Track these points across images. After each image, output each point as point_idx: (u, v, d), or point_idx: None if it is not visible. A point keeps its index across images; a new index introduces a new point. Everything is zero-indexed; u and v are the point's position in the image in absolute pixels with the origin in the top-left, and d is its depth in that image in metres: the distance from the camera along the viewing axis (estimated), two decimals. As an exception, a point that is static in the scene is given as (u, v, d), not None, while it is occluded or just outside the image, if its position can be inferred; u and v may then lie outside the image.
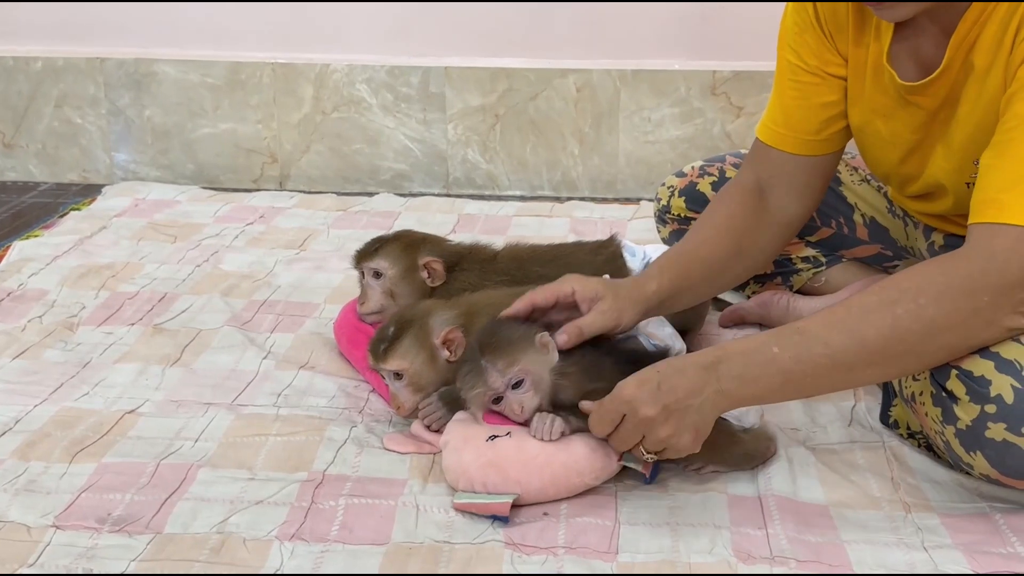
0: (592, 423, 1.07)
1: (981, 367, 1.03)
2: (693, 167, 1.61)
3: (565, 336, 1.13)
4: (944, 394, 1.07)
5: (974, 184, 1.09)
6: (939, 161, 1.19)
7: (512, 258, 1.42)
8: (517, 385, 1.11)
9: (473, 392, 1.12)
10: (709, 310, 1.55)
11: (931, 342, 1.02)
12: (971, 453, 1.06)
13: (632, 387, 1.03)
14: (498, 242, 1.51)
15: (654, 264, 1.27)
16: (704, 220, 1.31)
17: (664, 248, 1.51)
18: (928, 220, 1.37)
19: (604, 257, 1.42)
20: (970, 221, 1.04)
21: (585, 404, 1.09)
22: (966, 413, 1.05)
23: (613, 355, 1.15)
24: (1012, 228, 1.00)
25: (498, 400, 1.13)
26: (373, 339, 1.24)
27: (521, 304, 1.16)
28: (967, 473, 1.13)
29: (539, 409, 1.12)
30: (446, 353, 1.22)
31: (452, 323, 1.22)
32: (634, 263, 1.41)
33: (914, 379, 1.13)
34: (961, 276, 1.00)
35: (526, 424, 1.12)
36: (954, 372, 1.05)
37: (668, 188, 1.61)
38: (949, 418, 1.07)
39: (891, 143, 1.24)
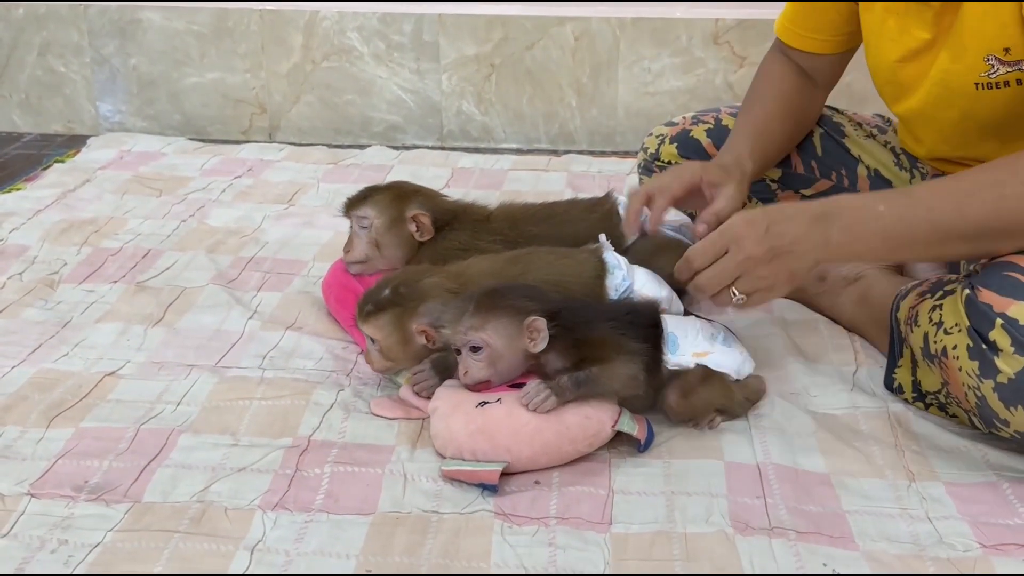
0: (694, 253, 1.09)
1: None
2: (685, 117, 1.55)
3: (704, 226, 1.16)
4: (984, 346, 1.02)
5: (983, 87, 1.10)
6: (945, 64, 1.16)
7: (505, 218, 1.37)
8: (475, 349, 1.09)
9: (451, 328, 1.12)
10: None
11: None
12: (1011, 408, 1.02)
13: (741, 225, 1.06)
14: (493, 197, 1.47)
15: (740, 141, 1.32)
16: (761, 95, 1.37)
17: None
18: (936, 165, 1.33)
19: (599, 215, 1.36)
20: None
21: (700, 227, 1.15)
22: (1009, 365, 1.00)
23: (612, 319, 1.11)
24: None
25: (459, 351, 1.12)
26: (366, 293, 1.20)
27: (643, 193, 1.22)
28: (992, 433, 1.09)
29: (488, 381, 1.10)
30: (423, 340, 1.17)
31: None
32: (631, 222, 1.36)
33: (946, 332, 1.08)
34: None
35: (479, 389, 1.10)
36: (999, 322, 1.00)
37: (657, 137, 1.54)
38: (988, 371, 1.02)
39: (896, 41, 1.22)
